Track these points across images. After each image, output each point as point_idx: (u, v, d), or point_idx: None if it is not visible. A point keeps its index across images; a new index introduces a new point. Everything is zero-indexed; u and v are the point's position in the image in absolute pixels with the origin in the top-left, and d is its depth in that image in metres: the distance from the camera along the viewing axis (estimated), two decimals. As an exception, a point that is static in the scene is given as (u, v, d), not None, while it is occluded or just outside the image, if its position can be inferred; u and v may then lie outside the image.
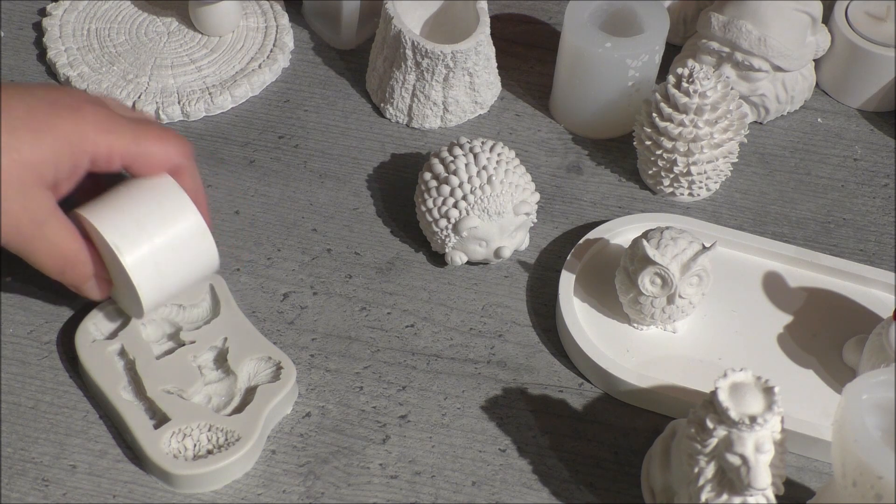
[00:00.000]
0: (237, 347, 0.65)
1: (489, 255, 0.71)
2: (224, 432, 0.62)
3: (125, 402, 0.63)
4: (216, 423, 0.62)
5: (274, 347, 0.65)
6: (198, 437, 0.62)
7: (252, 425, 0.62)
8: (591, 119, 0.80)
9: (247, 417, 0.62)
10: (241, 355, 0.65)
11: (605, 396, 0.67)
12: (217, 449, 0.61)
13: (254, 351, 0.65)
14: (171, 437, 0.61)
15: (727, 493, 0.55)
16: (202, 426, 0.62)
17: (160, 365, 0.64)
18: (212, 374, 0.65)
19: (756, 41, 0.77)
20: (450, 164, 0.70)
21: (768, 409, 0.54)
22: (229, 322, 0.66)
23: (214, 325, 0.66)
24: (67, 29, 0.84)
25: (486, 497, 0.62)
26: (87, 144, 0.59)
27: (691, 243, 0.66)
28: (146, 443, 0.61)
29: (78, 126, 0.59)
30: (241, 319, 0.67)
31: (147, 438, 0.61)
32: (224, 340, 0.66)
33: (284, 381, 0.64)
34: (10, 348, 0.67)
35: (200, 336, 0.66)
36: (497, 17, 0.88)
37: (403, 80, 0.78)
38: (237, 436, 0.61)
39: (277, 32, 0.85)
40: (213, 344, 0.65)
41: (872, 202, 0.78)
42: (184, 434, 0.62)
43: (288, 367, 0.64)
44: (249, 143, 0.79)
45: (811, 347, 0.69)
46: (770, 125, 0.83)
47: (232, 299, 0.67)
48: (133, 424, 0.62)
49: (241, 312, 0.67)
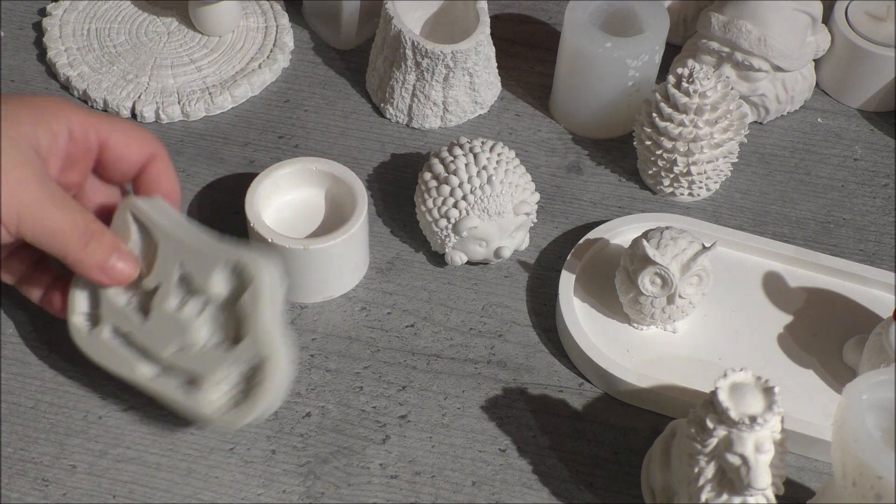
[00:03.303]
0: (196, 268, 0.61)
1: (489, 255, 0.71)
2: (245, 362, 0.59)
3: (153, 382, 0.61)
4: (236, 357, 0.59)
5: (225, 250, 0.60)
6: (229, 375, 0.60)
7: (262, 343, 0.59)
8: (591, 119, 0.80)
9: (254, 338, 0.59)
10: (206, 274, 0.60)
11: (605, 396, 0.67)
12: (253, 374, 0.59)
13: (213, 262, 0.60)
14: (209, 393, 0.60)
15: (727, 493, 0.55)
16: (225, 365, 0.60)
17: (151, 328, 0.61)
18: (193, 307, 0.61)
19: (756, 41, 0.77)
20: (450, 164, 0.70)
21: (768, 409, 0.54)
22: (171, 247, 0.61)
23: (162, 259, 0.61)
24: (67, 29, 0.84)
25: (486, 497, 0.63)
26: (63, 112, 0.59)
27: (691, 243, 0.66)
28: (196, 413, 0.60)
29: (55, 100, 0.60)
30: (180, 237, 0.61)
31: (194, 409, 0.60)
32: (180, 268, 0.61)
33: (256, 281, 0.59)
34: (10, 348, 0.67)
35: (157, 277, 0.61)
36: (497, 17, 0.88)
37: (403, 80, 0.78)
38: (260, 358, 0.59)
39: (277, 32, 0.85)
40: (174, 279, 0.61)
41: (872, 202, 0.78)
42: (216, 381, 0.60)
43: (252, 261, 0.59)
44: (249, 143, 0.79)
45: (811, 347, 0.69)
46: (770, 125, 0.83)
47: (160, 220, 0.62)
48: (174, 401, 0.61)
49: (176, 229, 0.62)
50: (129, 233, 0.62)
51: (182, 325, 0.61)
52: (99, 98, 0.80)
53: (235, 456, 0.63)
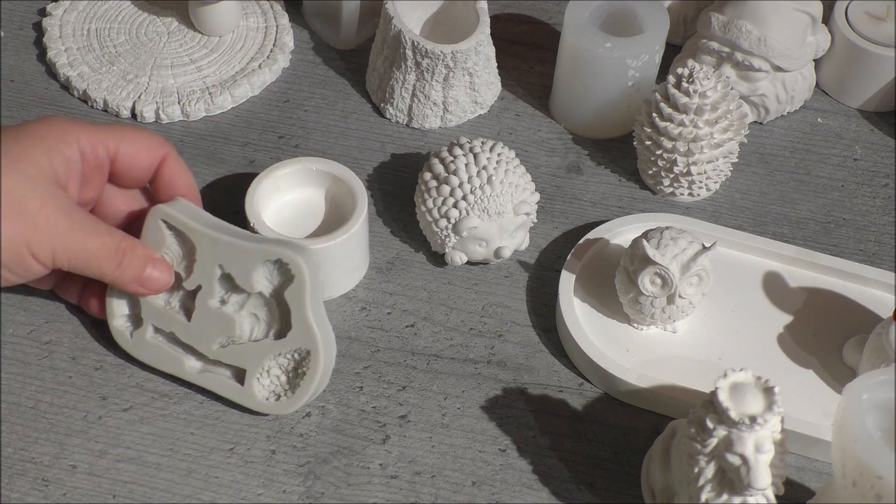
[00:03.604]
0: (237, 269, 0.63)
1: (489, 255, 0.71)
2: (293, 353, 0.63)
3: (201, 377, 0.64)
4: (282, 350, 0.63)
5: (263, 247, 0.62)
6: (276, 366, 0.63)
7: (307, 334, 0.62)
8: (591, 119, 0.80)
9: (298, 330, 0.62)
10: (247, 273, 0.63)
11: (605, 396, 0.67)
12: (300, 364, 0.63)
13: (253, 261, 0.62)
14: (258, 384, 0.63)
15: (727, 493, 0.55)
16: (272, 356, 0.63)
17: (196, 326, 0.64)
18: (236, 301, 0.64)
19: (756, 41, 0.77)
20: (450, 164, 0.70)
21: (768, 409, 0.54)
22: (208, 249, 0.63)
23: (202, 261, 0.63)
24: (67, 29, 0.84)
25: (486, 497, 0.63)
26: (72, 135, 0.60)
27: (691, 243, 0.66)
28: (247, 403, 0.64)
29: (60, 124, 0.61)
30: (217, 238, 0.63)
31: (244, 400, 0.64)
32: (220, 268, 0.63)
33: (298, 277, 0.62)
34: (10, 348, 0.67)
35: (197, 278, 0.64)
36: (497, 17, 0.88)
37: (403, 80, 0.78)
38: (305, 350, 0.62)
39: (277, 32, 0.85)
40: (216, 278, 0.63)
41: (872, 202, 0.78)
42: (264, 372, 0.63)
43: (291, 259, 0.62)
44: (249, 143, 0.79)
45: (811, 347, 0.69)
46: (770, 125, 0.83)
47: (192, 224, 0.63)
48: (224, 394, 0.64)
49: (210, 231, 0.63)
50: (164, 239, 0.64)
51: (226, 320, 0.63)
52: (99, 98, 0.80)
53: (235, 456, 0.63)
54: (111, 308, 0.65)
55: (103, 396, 0.65)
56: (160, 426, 0.64)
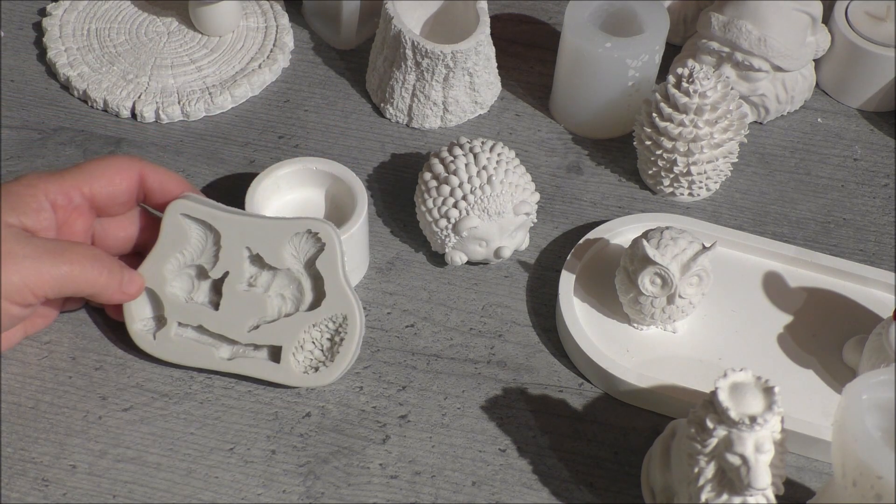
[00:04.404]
0: (265, 247, 0.64)
1: (489, 255, 0.71)
2: (327, 322, 0.64)
3: (233, 364, 0.65)
4: (317, 319, 0.64)
5: (294, 221, 0.63)
6: (310, 339, 0.64)
7: (343, 300, 0.63)
8: (591, 119, 0.80)
9: (333, 297, 0.63)
10: (276, 250, 0.64)
11: (604, 396, 0.67)
12: (335, 335, 0.64)
13: (281, 237, 0.63)
14: (294, 359, 0.64)
15: (727, 493, 0.55)
16: (307, 328, 0.64)
17: (224, 313, 0.64)
18: (262, 283, 0.65)
19: (756, 41, 0.77)
20: (450, 164, 0.70)
21: (768, 409, 0.54)
22: (235, 233, 0.64)
23: (228, 247, 0.64)
24: (67, 29, 0.84)
25: (486, 497, 0.63)
26: (38, 188, 0.61)
27: (691, 243, 0.66)
28: (285, 380, 0.64)
29: (26, 180, 0.62)
30: (242, 220, 0.64)
31: (282, 377, 0.64)
32: (248, 250, 0.64)
33: (328, 245, 0.63)
34: (10, 348, 0.67)
35: (224, 265, 0.64)
36: (497, 17, 0.88)
37: (403, 80, 0.78)
38: (341, 316, 0.63)
39: (277, 32, 0.85)
40: (244, 261, 0.64)
41: (872, 202, 0.78)
42: (299, 347, 0.64)
43: (321, 228, 0.63)
44: (249, 143, 0.79)
45: (811, 347, 0.69)
46: (770, 125, 0.83)
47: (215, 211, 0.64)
48: (260, 375, 0.64)
49: (234, 215, 0.64)
50: (186, 234, 0.64)
51: (257, 301, 0.64)
52: (99, 98, 0.80)
53: (235, 456, 0.63)
54: (129, 312, 0.65)
55: (103, 396, 0.65)
56: (160, 426, 0.64)
